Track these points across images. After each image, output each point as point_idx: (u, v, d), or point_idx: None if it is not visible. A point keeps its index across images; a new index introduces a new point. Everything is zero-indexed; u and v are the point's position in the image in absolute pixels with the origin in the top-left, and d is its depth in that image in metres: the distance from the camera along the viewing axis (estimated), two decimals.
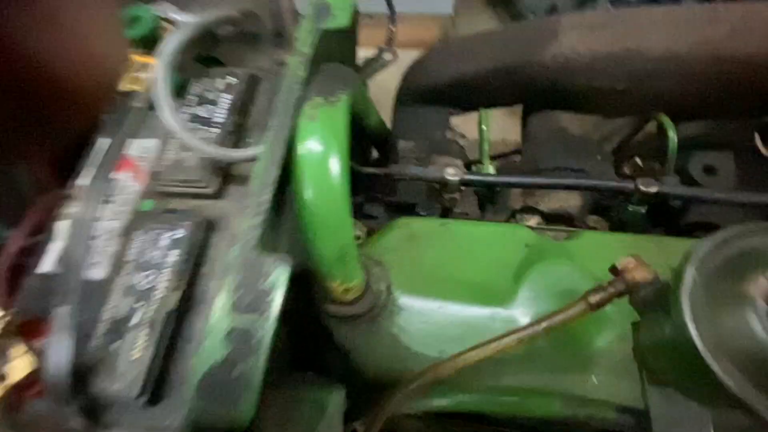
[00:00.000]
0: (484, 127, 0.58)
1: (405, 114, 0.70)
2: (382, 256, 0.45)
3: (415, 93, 0.69)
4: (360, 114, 0.49)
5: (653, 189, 0.50)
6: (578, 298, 0.32)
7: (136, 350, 0.42)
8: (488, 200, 0.60)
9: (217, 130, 0.53)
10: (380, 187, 0.64)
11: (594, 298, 0.31)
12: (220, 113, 0.55)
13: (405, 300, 0.42)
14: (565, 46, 0.57)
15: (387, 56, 0.76)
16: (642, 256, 0.41)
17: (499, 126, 0.74)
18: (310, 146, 0.31)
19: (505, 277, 0.42)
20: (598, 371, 0.38)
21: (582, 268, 0.42)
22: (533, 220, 0.61)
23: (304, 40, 0.39)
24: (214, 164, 0.51)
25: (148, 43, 0.57)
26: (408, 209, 0.64)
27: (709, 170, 0.56)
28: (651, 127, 0.65)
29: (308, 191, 0.31)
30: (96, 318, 0.44)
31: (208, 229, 0.49)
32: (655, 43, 0.54)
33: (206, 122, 0.54)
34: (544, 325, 0.32)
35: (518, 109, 0.70)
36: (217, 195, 0.51)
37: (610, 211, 0.60)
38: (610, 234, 0.47)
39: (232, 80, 0.57)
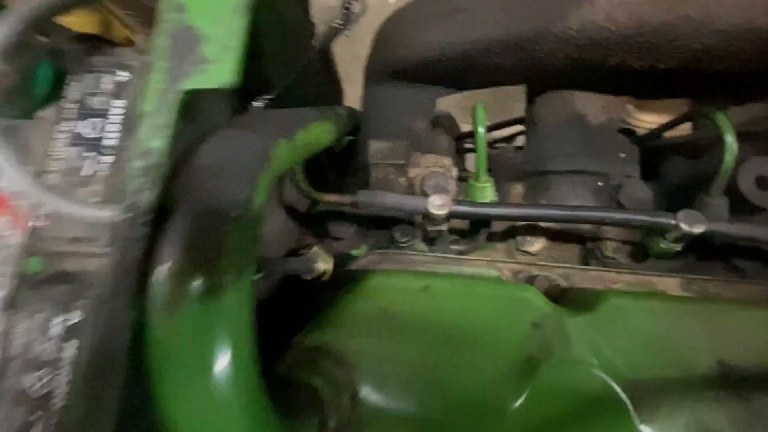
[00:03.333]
0: (480, 129, 0.44)
1: (377, 95, 0.54)
2: (345, 342, 0.35)
3: (390, 67, 0.52)
4: (306, 156, 0.34)
5: (699, 228, 0.38)
6: None
7: None
8: (482, 224, 0.47)
9: (111, 160, 0.38)
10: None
11: None
12: (112, 131, 0.39)
13: (375, 410, 0.32)
14: (600, 13, 0.40)
15: (355, 7, 0.56)
16: (689, 333, 0.32)
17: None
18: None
19: (504, 381, 0.32)
20: None
21: (604, 364, 0.32)
22: (538, 244, 0.49)
23: (150, 99, 0.21)
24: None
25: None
26: (383, 226, 0.51)
27: (764, 183, 0.44)
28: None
29: None
30: None
31: None
32: (727, 10, 0.37)
33: (94, 146, 0.39)
34: None
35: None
36: None
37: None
38: (645, 299, 0.37)
39: (123, 76, 0.40)
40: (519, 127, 0.89)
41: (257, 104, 0.35)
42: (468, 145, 0.80)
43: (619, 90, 0.50)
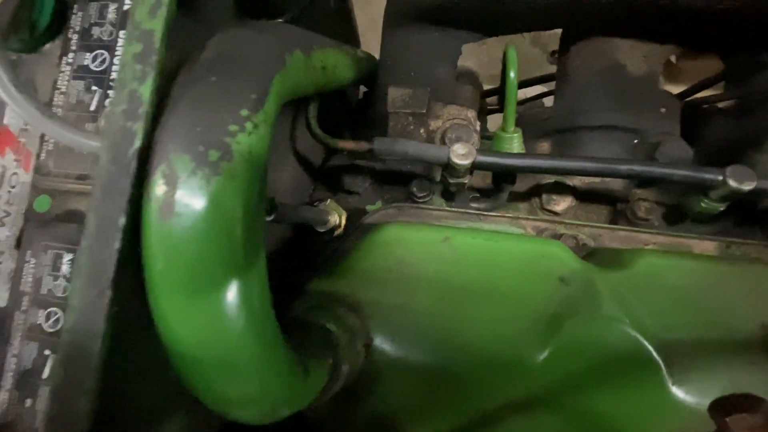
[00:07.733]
0: (512, 73, 0.40)
1: (398, 40, 0.50)
2: (361, 291, 0.33)
3: (413, 7, 0.48)
4: (318, 91, 0.31)
5: (748, 186, 0.35)
6: None
7: None
8: (506, 179, 0.45)
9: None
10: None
11: None
12: (118, 63, 0.37)
13: (389, 359, 0.31)
14: None
15: None
16: (729, 294, 0.29)
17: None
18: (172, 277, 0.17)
19: (527, 336, 0.30)
20: None
21: (636, 322, 0.30)
22: (564, 203, 0.47)
23: None
24: None
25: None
26: (400, 180, 0.49)
27: None
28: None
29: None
30: (1, 364, 0.35)
31: None
32: None
33: (101, 80, 0.37)
34: None
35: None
36: None
37: (665, 187, 0.45)
38: (678, 258, 0.34)
39: (127, 4, 0.37)
40: (539, 88, 0.84)
41: None
42: (490, 107, 0.76)
43: (665, 37, 0.46)
